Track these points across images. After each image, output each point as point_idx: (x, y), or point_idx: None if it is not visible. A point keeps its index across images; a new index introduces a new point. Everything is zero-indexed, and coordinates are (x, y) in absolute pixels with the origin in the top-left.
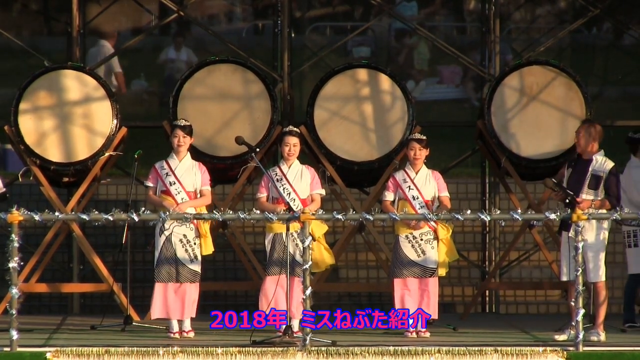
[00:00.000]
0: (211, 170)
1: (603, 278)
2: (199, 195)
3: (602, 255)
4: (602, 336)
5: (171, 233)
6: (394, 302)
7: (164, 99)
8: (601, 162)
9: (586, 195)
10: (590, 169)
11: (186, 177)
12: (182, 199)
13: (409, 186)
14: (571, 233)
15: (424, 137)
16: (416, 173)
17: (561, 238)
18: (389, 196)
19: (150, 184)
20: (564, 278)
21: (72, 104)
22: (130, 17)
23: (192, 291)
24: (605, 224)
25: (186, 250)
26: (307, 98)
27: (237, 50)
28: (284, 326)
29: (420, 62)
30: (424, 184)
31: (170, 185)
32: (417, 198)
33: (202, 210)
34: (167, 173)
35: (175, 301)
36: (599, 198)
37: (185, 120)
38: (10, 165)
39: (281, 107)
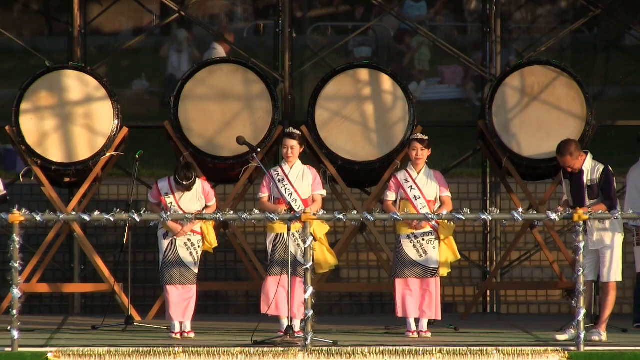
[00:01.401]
0: (212, 171)
1: (614, 279)
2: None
3: (615, 255)
4: (604, 336)
5: (176, 238)
6: (396, 302)
7: (165, 99)
8: (592, 170)
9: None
10: (584, 181)
11: (191, 206)
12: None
13: (411, 186)
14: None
15: (426, 137)
16: (418, 173)
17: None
18: (391, 196)
19: (153, 200)
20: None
21: (73, 104)
22: (131, 17)
23: (193, 293)
24: (617, 224)
25: (190, 254)
26: (308, 98)
27: (238, 50)
28: (285, 326)
29: (421, 62)
30: (426, 184)
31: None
32: (419, 198)
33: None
34: (171, 202)
35: (179, 303)
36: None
37: (187, 179)
38: (12, 166)
39: (282, 107)
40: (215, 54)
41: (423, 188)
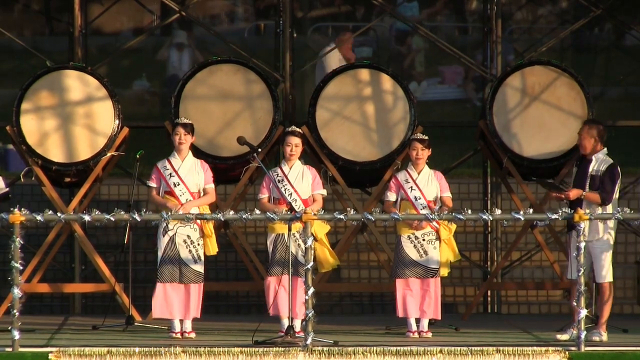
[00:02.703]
0: (213, 171)
1: (609, 279)
2: (202, 194)
3: (608, 256)
4: (605, 336)
5: (175, 234)
6: (396, 302)
7: (165, 99)
8: (600, 162)
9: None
10: (589, 170)
11: (190, 177)
12: (186, 199)
13: (411, 187)
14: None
15: (426, 137)
16: (418, 173)
17: (569, 237)
18: (391, 196)
19: (153, 184)
20: (569, 277)
21: (74, 104)
22: (132, 17)
23: (195, 292)
24: (611, 224)
25: (190, 251)
26: (309, 98)
27: (239, 50)
28: (286, 326)
29: (419, 62)
30: (426, 184)
31: (175, 186)
32: (419, 199)
33: (206, 209)
34: (170, 174)
35: (178, 301)
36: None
37: (187, 119)
38: (12, 166)
39: (283, 107)
40: (330, 56)
41: (423, 188)
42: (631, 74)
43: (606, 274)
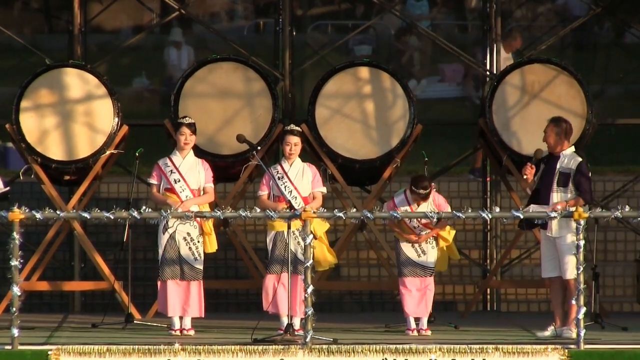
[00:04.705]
0: (212, 168)
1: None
2: (202, 193)
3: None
4: (574, 333)
5: (175, 231)
6: (402, 300)
7: (165, 97)
8: (568, 159)
9: (556, 194)
10: (557, 166)
11: (190, 174)
12: (186, 196)
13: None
14: (548, 232)
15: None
16: (418, 206)
17: (540, 236)
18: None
19: (153, 181)
20: (545, 275)
21: (73, 102)
22: (132, 15)
23: (195, 289)
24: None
25: (190, 249)
26: (309, 96)
27: (239, 48)
28: (285, 324)
29: (418, 60)
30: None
31: (175, 182)
32: (414, 224)
33: (205, 208)
34: (171, 170)
35: (178, 299)
36: (569, 196)
37: (190, 118)
38: (12, 164)
39: (282, 105)
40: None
41: (420, 208)
42: (631, 72)
43: (573, 271)
